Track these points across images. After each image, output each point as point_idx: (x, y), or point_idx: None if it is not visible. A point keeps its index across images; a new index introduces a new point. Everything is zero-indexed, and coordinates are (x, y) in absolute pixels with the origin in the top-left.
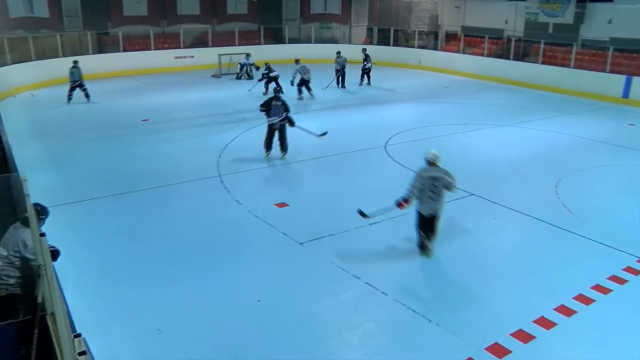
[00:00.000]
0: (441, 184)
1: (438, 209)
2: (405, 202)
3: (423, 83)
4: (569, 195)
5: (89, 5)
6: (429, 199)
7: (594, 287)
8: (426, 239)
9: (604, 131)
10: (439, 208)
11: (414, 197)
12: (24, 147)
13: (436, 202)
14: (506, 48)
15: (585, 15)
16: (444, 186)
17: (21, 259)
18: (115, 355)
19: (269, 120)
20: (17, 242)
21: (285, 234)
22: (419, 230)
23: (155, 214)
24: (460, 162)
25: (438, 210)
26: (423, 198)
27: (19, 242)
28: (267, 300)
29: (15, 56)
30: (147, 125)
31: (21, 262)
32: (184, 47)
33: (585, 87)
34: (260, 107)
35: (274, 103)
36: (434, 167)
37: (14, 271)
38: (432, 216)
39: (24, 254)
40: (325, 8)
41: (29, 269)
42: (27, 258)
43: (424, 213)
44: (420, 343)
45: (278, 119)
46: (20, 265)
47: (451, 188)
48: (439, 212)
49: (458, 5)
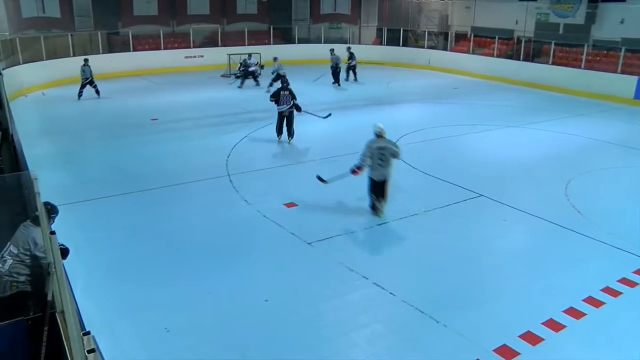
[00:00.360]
0: (388, 153)
1: (387, 174)
2: (358, 169)
3: (432, 83)
4: (578, 197)
5: (100, 5)
6: (378, 166)
7: (603, 290)
8: (377, 200)
9: (615, 132)
10: (388, 174)
11: (366, 165)
12: (35, 146)
13: (385, 168)
14: (516, 49)
15: (596, 16)
16: (390, 154)
17: (31, 257)
18: (124, 354)
19: (278, 109)
20: (28, 240)
21: (294, 233)
22: (371, 193)
23: (164, 213)
24: (469, 162)
25: (387, 175)
26: (373, 165)
27: (29, 240)
28: (275, 300)
29: (27, 56)
30: (157, 124)
31: (31, 260)
32: (194, 46)
33: (596, 88)
34: (270, 98)
35: (282, 93)
36: (381, 138)
37: (24, 269)
38: (382, 181)
39: (34, 252)
40: (335, 8)
41: (39, 267)
42: (37, 256)
43: (375, 178)
44: (428, 344)
45: (287, 106)
46: (30, 263)
47: (397, 155)
48: (388, 177)
49: (468, 5)
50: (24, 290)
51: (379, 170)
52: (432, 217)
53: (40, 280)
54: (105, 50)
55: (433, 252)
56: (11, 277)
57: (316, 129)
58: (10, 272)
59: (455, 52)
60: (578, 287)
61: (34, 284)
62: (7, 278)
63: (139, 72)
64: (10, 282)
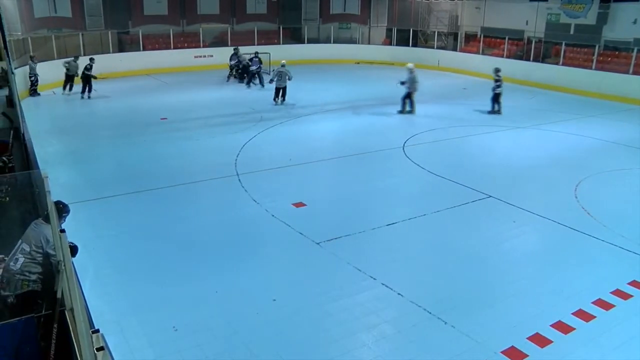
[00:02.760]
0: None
1: (284, 86)
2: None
3: (441, 84)
4: (588, 199)
5: (111, 4)
6: (279, 80)
7: (614, 292)
8: (277, 98)
9: (626, 134)
10: (284, 85)
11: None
12: (46, 145)
13: (283, 82)
14: (526, 49)
15: (608, 16)
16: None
17: (44, 255)
18: (132, 352)
19: (277, 84)
20: (40, 238)
21: (302, 233)
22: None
23: (173, 212)
24: (478, 163)
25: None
26: (278, 80)
27: (41, 238)
28: (283, 299)
29: (39, 55)
30: (166, 123)
31: (43, 258)
32: (204, 46)
33: (607, 89)
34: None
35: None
36: (283, 67)
37: (35, 267)
38: (281, 87)
39: (47, 250)
40: (345, 8)
41: (50, 265)
42: (49, 254)
43: (277, 86)
44: (436, 345)
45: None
46: (42, 261)
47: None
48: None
49: (478, 6)
50: (35, 289)
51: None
52: (441, 218)
53: (50, 278)
54: (116, 50)
55: (441, 253)
56: (23, 276)
57: (325, 129)
58: (22, 271)
59: (465, 52)
60: (588, 289)
61: (44, 282)
62: (19, 277)
63: (149, 72)
64: (22, 281)
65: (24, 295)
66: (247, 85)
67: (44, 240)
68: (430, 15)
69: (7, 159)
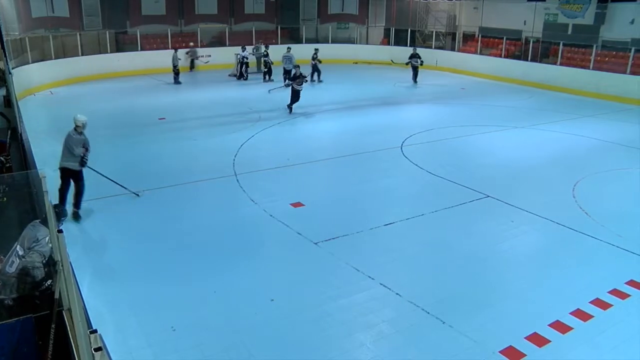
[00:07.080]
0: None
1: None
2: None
3: (440, 84)
4: (586, 199)
5: (109, 4)
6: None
7: (611, 292)
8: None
9: (624, 134)
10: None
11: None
12: (43, 145)
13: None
14: (524, 49)
15: (606, 16)
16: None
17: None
18: (130, 352)
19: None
20: (32, 238)
21: (300, 233)
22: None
23: (171, 212)
24: (476, 163)
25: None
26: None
27: (32, 238)
28: (281, 299)
29: (36, 55)
30: (164, 123)
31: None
32: (202, 46)
33: (605, 89)
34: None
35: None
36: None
37: (31, 269)
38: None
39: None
40: (343, 8)
41: (45, 266)
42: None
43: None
44: (434, 345)
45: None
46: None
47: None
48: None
49: (476, 6)
50: (32, 291)
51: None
52: (439, 217)
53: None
54: (114, 50)
55: (440, 252)
56: (19, 279)
57: (323, 129)
58: (18, 275)
59: (463, 52)
60: (586, 289)
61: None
62: (14, 280)
63: (147, 72)
64: (17, 285)
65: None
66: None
67: (34, 240)
68: (428, 15)
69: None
